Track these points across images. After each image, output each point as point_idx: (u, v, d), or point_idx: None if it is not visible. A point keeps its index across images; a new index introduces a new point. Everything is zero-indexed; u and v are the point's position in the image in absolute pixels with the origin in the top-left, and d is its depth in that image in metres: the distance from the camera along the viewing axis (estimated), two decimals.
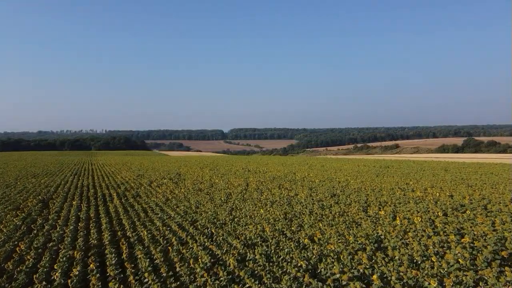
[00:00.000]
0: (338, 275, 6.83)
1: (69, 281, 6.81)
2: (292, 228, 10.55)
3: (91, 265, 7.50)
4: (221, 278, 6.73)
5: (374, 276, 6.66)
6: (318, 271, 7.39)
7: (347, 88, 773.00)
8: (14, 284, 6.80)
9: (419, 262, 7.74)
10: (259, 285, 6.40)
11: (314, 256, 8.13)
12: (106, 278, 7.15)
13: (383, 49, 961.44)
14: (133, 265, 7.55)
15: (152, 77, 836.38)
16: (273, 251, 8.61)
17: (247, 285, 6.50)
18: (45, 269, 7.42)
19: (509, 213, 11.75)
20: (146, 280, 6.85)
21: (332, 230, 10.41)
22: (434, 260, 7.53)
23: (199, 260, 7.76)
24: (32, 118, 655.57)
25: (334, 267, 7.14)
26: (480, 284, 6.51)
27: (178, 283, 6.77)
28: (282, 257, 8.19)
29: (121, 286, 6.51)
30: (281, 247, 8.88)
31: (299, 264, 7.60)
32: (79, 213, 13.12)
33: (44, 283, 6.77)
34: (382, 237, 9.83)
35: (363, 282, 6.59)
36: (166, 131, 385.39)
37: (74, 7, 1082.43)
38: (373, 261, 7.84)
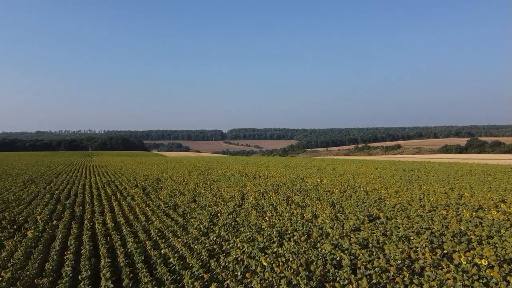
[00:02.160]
0: None
1: None
2: None
3: None
4: None
5: None
6: None
7: (347, 88, 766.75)
8: None
9: None
10: None
11: None
12: None
13: (382, 49, 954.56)
14: None
15: (151, 77, 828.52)
16: None
17: None
18: None
19: None
20: None
21: None
22: None
23: None
24: (31, 118, 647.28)
25: None
26: None
27: None
28: None
29: None
30: None
31: None
32: None
33: None
34: None
35: None
36: (165, 131, 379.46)
37: (72, 7, 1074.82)
38: None
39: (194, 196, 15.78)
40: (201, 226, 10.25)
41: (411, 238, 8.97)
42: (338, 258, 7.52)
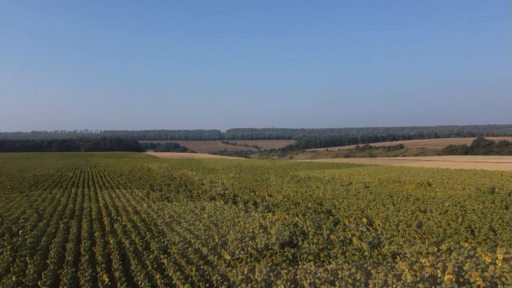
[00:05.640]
0: None
1: None
2: None
3: None
4: None
5: None
6: None
7: (346, 88, 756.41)
8: None
9: None
10: None
11: None
12: None
13: (381, 48, 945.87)
14: None
15: (150, 77, 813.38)
16: None
17: None
18: None
19: None
20: None
21: None
22: None
23: None
24: (29, 119, 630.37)
25: None
26: None
27: None
28: None
29: None
30: None
31: None
32: None
33: None
34: None
35: None
36: (162, 131, 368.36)
37: (72, 7, 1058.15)
38: None
39: None
40: None
41: None
42: None
